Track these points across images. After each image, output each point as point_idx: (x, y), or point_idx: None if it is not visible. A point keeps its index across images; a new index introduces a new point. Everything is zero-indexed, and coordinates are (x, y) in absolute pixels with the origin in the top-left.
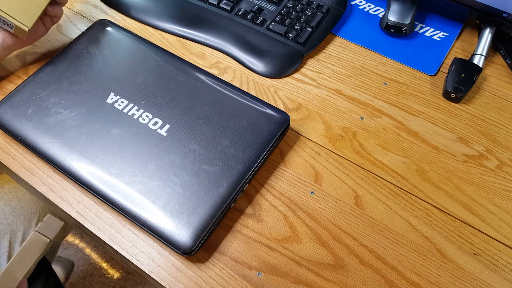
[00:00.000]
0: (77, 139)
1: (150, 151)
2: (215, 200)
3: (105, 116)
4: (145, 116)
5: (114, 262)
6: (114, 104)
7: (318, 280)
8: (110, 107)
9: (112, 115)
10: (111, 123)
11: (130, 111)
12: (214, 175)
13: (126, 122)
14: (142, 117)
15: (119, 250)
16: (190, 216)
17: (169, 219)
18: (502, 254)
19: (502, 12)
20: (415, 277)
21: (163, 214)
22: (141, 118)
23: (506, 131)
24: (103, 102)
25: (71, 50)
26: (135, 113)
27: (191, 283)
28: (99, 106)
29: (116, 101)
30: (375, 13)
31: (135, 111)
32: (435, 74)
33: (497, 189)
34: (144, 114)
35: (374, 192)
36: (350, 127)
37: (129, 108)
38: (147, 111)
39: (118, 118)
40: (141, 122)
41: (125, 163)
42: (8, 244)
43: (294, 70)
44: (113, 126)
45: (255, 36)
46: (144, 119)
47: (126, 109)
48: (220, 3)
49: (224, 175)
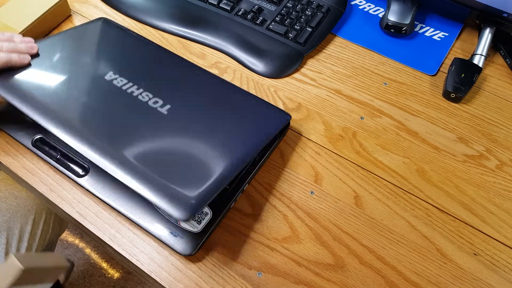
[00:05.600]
0: (72, 106)
1: (148, 127)
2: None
3: (103, 90)
4: (145, 95)
5: (114, 262)
6: (112, 81)
7: (318, 280)
8: (108, 83)
9: (110, 90)
10: (109, 97)
11: (129, 89)
12: (210, 164)
13: (124, 97)
14: (142, 95)
15: (119, 250)
16: None
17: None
18: (502, 254)
19: (502, 12)
20: (415, 277)
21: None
22: (141, 96)
23: (506, 131)
24: (101, 78)
25: (70, 33)
26: (134, 91)
27: (191, 283)
28: (97, 81)
29: (115, 79)
30: (375, 13)
31: (135, 89)
32: (435, 74)
33: (497, 189)
34: (144, 93)
35: (374, 192)
36: (350, 127)
37: (128, 86)
38: (148, 91)
39: (115, 94)
40: (141, 99)
41: (120, 134)
42: (6, 241)
43: (294, 70)
44: (110, 99)
45: (255, 36)
46: (144, 98)
47: (125, 87)
48: (220, 3)
49: (221, 167)
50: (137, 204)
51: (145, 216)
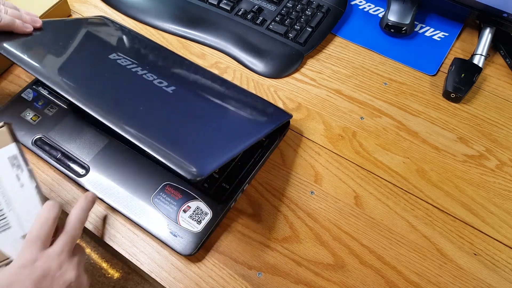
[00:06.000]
0: (75, 74)
1: (156, 100)
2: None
3: (107, 66)
4: (149, 75)
5: (114, 262)
6: (116, 60)
7: (318, 280)
8: (112, 62)
9: (115, 67)
10: (113, 71)
11: (133, 69)
12: (219, 138)
13: (128, 73)
14: (147, 75)
15: (119, 250)
16: None
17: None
18: (502, 254)
19: (502, 12)
20: (415, 277)
21: None
22: (146, 76)
23: (506, 131)
24: (105, 57)
25: (74, 20)
26: (138, 71)
27: (191, 283)
28: (101, 57)
29: (119, 59)
30: (375, 13)
31: (139, 70)
32: (435, 74)
33: (497, 189)
34: (149, 74)
35: (374, 192)
36: (350, 127)
37: (132, 67)
38: (152, 73)
39: (120, 70)
40: (146, 78)
41: (129, 104)
42: None
43: (294, 70)
44: (115, 73)
45: (255, 36)
46: (149, 77)
47: (129, 67)
48: (220, 3)
49: (230, 141)
50: (137, 204)
51: (145, 216)
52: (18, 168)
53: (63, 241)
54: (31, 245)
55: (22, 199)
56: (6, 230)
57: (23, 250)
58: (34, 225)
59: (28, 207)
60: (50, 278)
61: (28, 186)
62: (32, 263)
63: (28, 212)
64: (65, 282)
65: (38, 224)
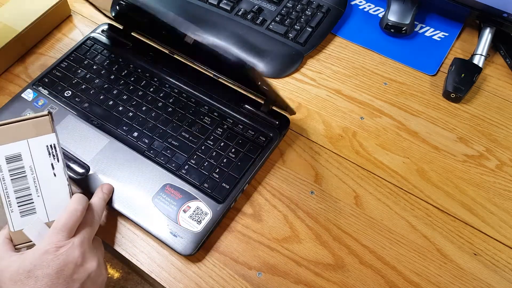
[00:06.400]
0: None
1: None
2: None
3: None
4: None
5: (114, 262)
6: None
7: (318, 280)
8: None
9: None
10: None
11: None
12: None
13: None
14: None
15: (119, 250)
16: None
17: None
18: (502, 254)
19: (502, 12)
20: (415, 277)
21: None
22: None
23: (506, 131)
24: None
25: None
26: None
27: (191, 283)
28: None
29: None
30: (375, 13)
31: None
32: (435, 74)
33: (497, 189)
34: None
35: (374, 192)
36: (350, 127)
37: None
38: None
39: None
40: None
41: None
42: None
43: (294, 70)
44: None
45: (255, 36)
46: None
47: None
48: (220, 3)
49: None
50: (137, 204)
51: (145, 216)
52: (54, 157)
53: (85, 232)
54: (57, 232)
55: (53, 188)
56: (31, 214)
57: (49, 236)
58: (62, 214)
59: (57, 197)
60: (72, 266)
61: (61, 177)
62: (56, 250)
63: (55, 201)
64: (85, 270)
65: (67, 214)
